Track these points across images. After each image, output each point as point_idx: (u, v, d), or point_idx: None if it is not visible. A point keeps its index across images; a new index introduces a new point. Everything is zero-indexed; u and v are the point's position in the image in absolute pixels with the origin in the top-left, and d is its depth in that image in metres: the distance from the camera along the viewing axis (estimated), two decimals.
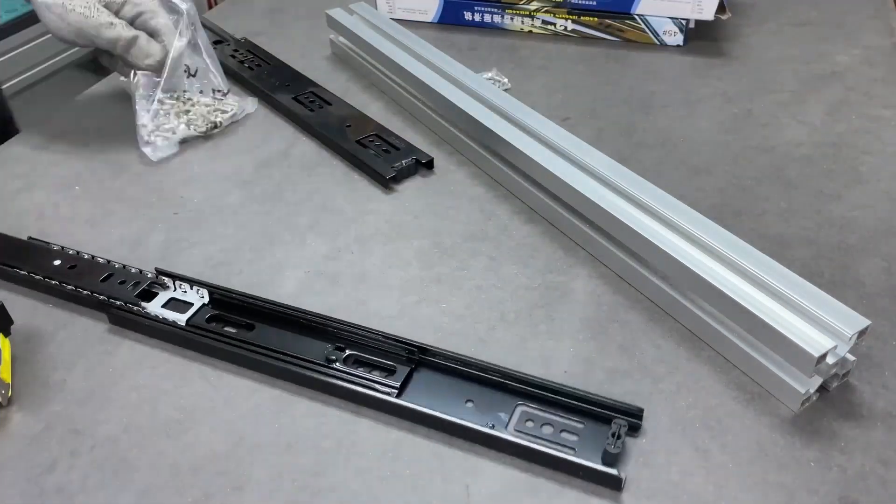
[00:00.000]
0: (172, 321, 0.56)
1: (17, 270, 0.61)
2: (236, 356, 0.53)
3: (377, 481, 0.47)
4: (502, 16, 0.95)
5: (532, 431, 0.47)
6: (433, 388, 0.51)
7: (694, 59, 0.88)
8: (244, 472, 0.48)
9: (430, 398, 0.50)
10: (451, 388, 0.50)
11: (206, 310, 0.57)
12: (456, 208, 0.67)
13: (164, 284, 0.58)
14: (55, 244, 0.63)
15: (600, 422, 0.48)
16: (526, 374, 0.50)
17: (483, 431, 0.47)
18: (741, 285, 0.51)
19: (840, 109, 0.78)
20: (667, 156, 0.73)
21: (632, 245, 0.57)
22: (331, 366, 0.52)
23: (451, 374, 0.51)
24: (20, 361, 0.55)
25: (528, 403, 0.49)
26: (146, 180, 0.73)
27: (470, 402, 0.49)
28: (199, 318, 0.56)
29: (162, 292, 0.58)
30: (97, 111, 0.83)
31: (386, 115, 0.80)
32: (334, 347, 0.53)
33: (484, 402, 0.49)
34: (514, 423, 0.48)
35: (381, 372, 0.52)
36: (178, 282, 0.58)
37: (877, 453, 0.47)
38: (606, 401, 0.48)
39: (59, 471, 0.48)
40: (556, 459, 0.45)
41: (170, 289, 0.58)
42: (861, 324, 0.48)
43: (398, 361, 0.52)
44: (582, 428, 0.47)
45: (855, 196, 0.66)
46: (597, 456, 0.46)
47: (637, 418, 0.47)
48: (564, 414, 0.48)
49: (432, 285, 0.60)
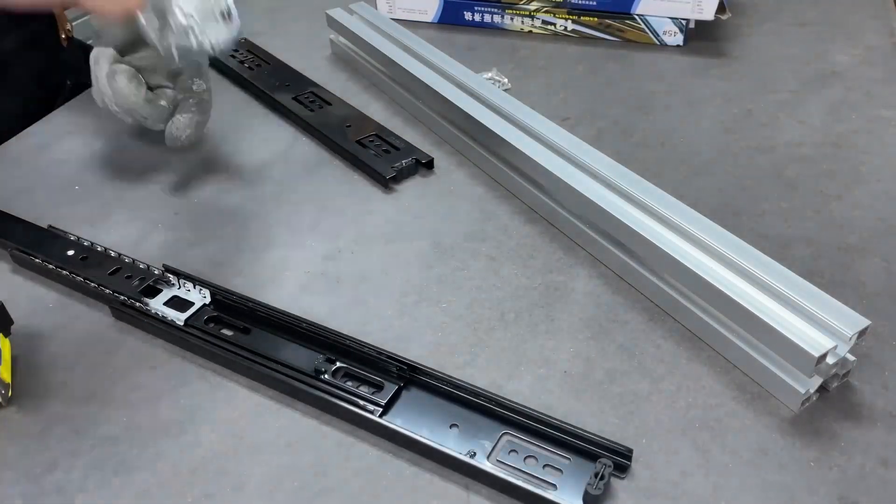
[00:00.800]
0: (171, 320, 0.56)
1: (32, 258, 0.62)
2: (228, 361, 0.53)
3: (377, 481, 0.47)
4: (502, 16, 0.95)
5: (514, 463, 0.46)
6: (420, 408, 0.49)
7: (694, 59, 0.88)
8: (244, 472, 0.48)
9: (416, 418, 0.49)
10: (438, 410, 0.49)
11: (207, 310, 0.57)
12: (456, 208, 0.67)
13: (170, 282, 0.59)
14: (72, 234, 0.64)
15: (587, 457, 0.46)
16: (515, 403, 0.48)
17: (462, 460, 0.45)
18: (741, 285, 0.51)
19: (840, 109, 0.78)
20: (667, 156, 0.73)
21: (632, 245, 0.57)
22: (319, 377, 0.51)
23: (439, 395, 0.50)
24: (20, 361, 0.55)
25: (514, 432, 0.47)
26: (146, 180, 0.73)
27: (455, 427, 0.48)
28: (198, 319, 0.56)
29: (166, 289, 0.58)
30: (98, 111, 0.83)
31: (386, 115, 0.80)
32: (325, 358, 0.52)
33: (469, 428, 0.48)
34: (498, 453, 0.46)
35: (370, 387, 0.51)
36: (182, 279, 0.58)
37: (877, 453, 0.47)
38: (595, 437, 0.46)
39: (60, 470, 0.48)
40: (535, 496, 0.44)
41: (174, 286, 0.58)
42: (861, 324, 0.48)
43: (388, 378, 0.51)
44: (567, 463, 0.46)
45: (855, 196, 0.66)
46: (578, 495, 0.44)
47: (626, 458, 0.45)
48: (551, 447, 0.46)
49: (432, 285, 0.60)
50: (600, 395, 0.51)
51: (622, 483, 0.46)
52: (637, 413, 0.50)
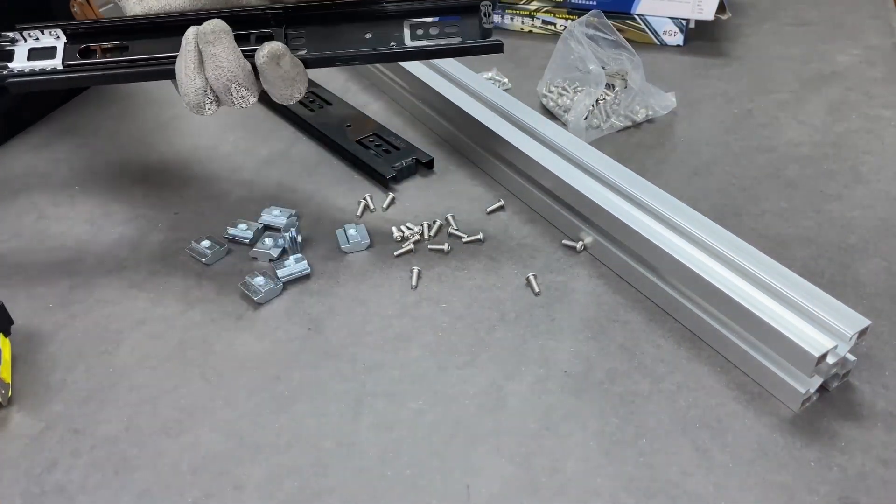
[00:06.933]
0: (51, 69, 0.55)
1: None
2: (118, 76, 0.56)
3: (377, 481, 0.47)
4: (502, 16, 0.95)
5: (424, 38, 0.56)
6: (330, 37, 0.56)
7: (694, 59, 0.88)
8: (244, 472, 0.48)
9: (331, 44, 0.56)
10: (348, 31, 0.56)
11: (72, 47, 0.56)
12: (456, 208, 0.67)
13: (13, 39, 0.56)
14: None
15: (472, 13, 0.55)
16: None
17: (389, 52, 0.56)
18: (741, 285, 0.51)
19: (840, 109, 0.78)
20: (667, 156, 0.73)
21: (632, 245, 0.57)
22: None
23: (341, 22, 0.56)
24: (20, 361, 0.55)
25: (413, 20, 0.56)
26: (146, 180, 0.73)
27: (369, 34, 0.56)
28: (71, 56, 0.55)
29: (17, 48, 0.56)
30: (98, 111, 0.83)
31: (386, 115, 0.80)
32: None
33: (380, 31, 0.56)
34: (409, 37, 0.56)
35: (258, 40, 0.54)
36: (26, 32, 0.56)
37: (877, 453, 0.47)
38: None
39: (60, 470, 0.48)
40: (450, 49, 0.55)
41: (20, 41, 0.56)
42: (861, 324, 0.48)
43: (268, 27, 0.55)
44: (460, 21, 0.56)
45: (855, 196, 0.66)
46: (478, 34, 0.55)
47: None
48: (443, 19, 0.56)
49: (432, 285, 0.60)
50: (600, 395, 0.51)
51: (622, 483, 0.46)
52: (637, 413, 0.50)
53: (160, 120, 0.81)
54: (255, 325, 0.57)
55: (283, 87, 0.53)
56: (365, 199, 0.68)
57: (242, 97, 0.54)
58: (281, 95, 0.54)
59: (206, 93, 0.53)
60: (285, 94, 0.54)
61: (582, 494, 0.46)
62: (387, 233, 0.65)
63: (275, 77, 0.53)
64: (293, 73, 0.53)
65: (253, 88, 0.54)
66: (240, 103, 0.54)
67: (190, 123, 0.80)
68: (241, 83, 0.53)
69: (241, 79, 0.53)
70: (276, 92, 0.54)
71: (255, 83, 0.54)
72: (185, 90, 0.53)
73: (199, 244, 0.63)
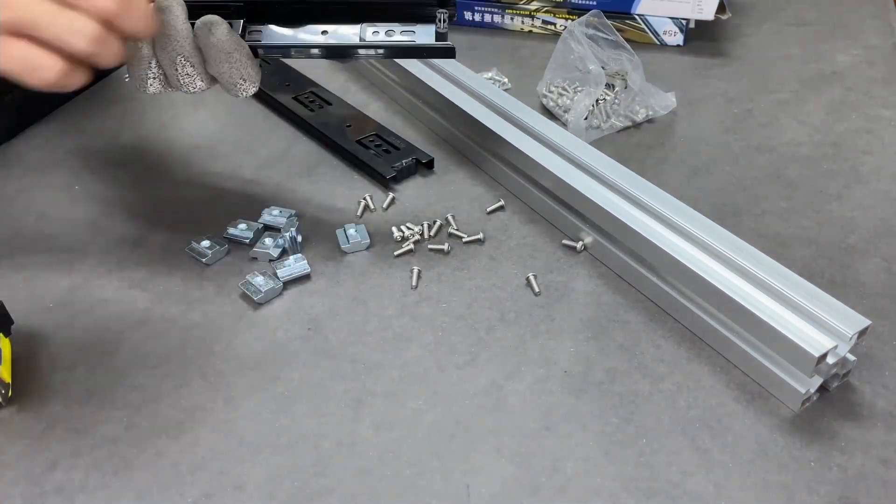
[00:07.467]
0: None
1: None
2: None
3: (377, 481, 0.47)
4: (502, 16, 0.95)
5: (382, 37, 0.57)
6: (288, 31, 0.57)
7: (694, 59, 0.88)
8: (244, 472, 0.48)
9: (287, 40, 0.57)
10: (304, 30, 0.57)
11: None
12: (456, 208, 0.67)
13: None
14: None
15: (427, 21, 0.57)
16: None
17: (349, 45, 0.57)
18: (741, 285, 0.51)
19: (840, 109, 0.78)
20: (667, 156, 0.73)
21: (632, 245, 0.57)
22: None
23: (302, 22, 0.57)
24: (20, 361, 0.55)
25: (371, 24, 0.58)
26: (146, 180, 0.73)
27: (325, 32, 0.57)
28: None
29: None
30: (98, 111, 0.83)
31: (386, 115, 0.80)
32: None
33: (337, 32, 0.57)
34: (369, 36, 0.57)
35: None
36: None
37: (877, 453, 0.47)
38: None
39: (60, 470, 0.48)
40: (405, 48, 0.57)
41: None
42: (861, 324, 0.48)
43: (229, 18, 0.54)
44: (416, 25, 0.57)
45: (855, 196, 0.66)
46: (432, 39, 0.57)
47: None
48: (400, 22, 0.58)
49: (432, 285, 0.60)
50: (600, 395, 0.51)
51: (622, 483, 0.46)
52: (637, 413, 0.50)
53: (161, 120, 0.81)
54: (255, 325, 0.57)
55: (221, 61, 0.53)
56: (365, 199, 0.68)
57: (188, 75, 0.53)
58: (225, 79, 0.54)
59: (150, 65, 0.53)
60: (224, 72, 0.53)
61: (582, 494, 0.46)
62: (387, 233, 0.65)
63: (209, 47, 0.52)
64: (228, 45, 0.52)
65: (199, 68, 0.54)
66: (186, 84, 0.54)
67: (190, 124, 0.80)
68: (187, 57, 0.53)
69: (187, 51, 0.52)
70: (216, 68, 0.53)
71: (202, 63, 0.54)
72: (129, 58, 0.53)
73: (199, 244, 0.63)
